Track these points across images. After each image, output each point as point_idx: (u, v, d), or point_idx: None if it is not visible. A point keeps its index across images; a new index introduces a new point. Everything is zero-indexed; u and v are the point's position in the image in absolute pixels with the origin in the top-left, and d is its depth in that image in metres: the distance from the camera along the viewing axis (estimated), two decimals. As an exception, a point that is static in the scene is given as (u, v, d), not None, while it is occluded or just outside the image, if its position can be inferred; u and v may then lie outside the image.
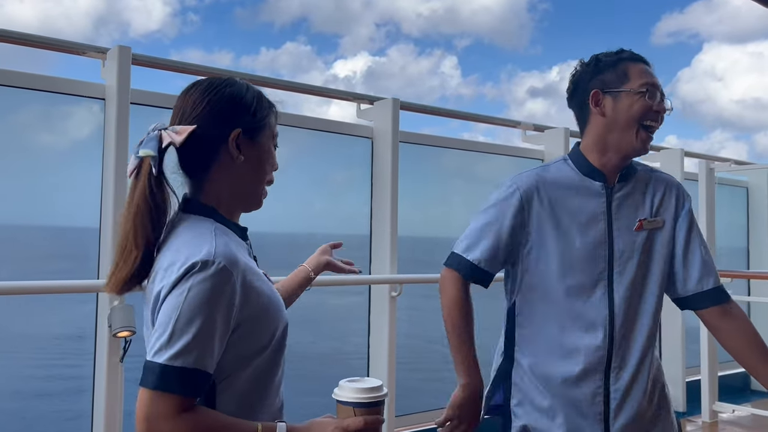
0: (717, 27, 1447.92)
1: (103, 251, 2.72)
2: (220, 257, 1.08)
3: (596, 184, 1.60)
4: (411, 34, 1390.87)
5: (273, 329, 1.16)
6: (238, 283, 1.09)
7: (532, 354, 1.62)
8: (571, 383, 1.57)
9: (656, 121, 1.57)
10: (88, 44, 2.88)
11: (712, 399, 4.60)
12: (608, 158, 1.61)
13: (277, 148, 1.28)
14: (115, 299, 2.60)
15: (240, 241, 1.21)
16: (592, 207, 1.59)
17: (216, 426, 1.06)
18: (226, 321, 1.07)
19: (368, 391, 1.07)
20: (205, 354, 1.04)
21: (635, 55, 1.61)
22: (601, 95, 1.59)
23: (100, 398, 2.64)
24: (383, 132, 3.58)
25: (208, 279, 1.06)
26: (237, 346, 1.11)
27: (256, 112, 1.22)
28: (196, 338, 1.04)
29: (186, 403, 1.04)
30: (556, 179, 1.63)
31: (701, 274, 1.63)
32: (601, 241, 1.58)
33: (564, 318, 1.58)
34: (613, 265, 1.58)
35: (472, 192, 4.56)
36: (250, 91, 1.24)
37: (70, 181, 3.07)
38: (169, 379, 1.02)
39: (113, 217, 2.66)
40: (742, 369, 5.79)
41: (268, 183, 1.26)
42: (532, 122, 4.41)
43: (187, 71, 3.18)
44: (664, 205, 1.64)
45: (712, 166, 4.83)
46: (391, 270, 3.49)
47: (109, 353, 2.61)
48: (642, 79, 1.57)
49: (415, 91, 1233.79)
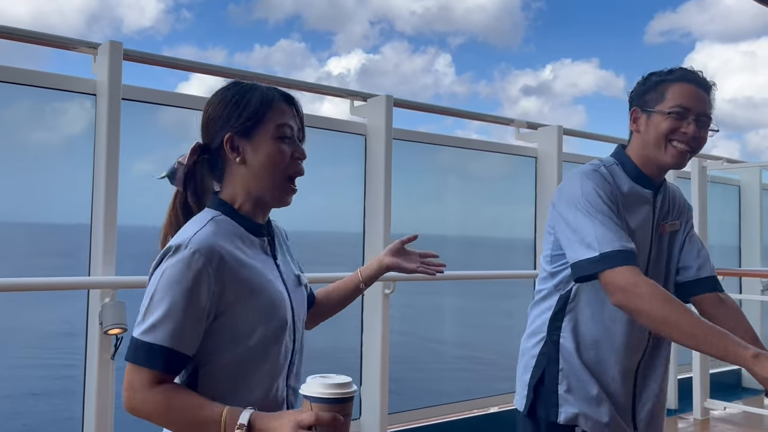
0: (709, 26, 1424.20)
1: (94, 248, 2.70)
2: (194, 243, 1.16)
3: (647, 192, 1.67)
4: (405, 32, 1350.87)
5: (258, 323, 1.20)
6: (212, 269, 1.15)
7: (582, 345, 1.65)
8: (615, 378, 1.65)
9: (683, 143, 1.59)
10: (80, 39, 2.85)
11: (704, 396, 4.62)
12: (651, 170, 1.67)
13: (303, 139, 1.31)
14: (107, 296, 2.59)
15: (246, 234, 1.25)
16: (643, 214, 1.66)
17: (184, 404, 1.12)
18: (197, 303, 1.14)
19: (328, 387, 1.06)
20: (174, 332, 1.12)
21: (686, 75, 1.63)
22: (639, 113, 1.66)
23: (91, 396, 2.62)
24: (377, 129, 3.57)
25: (178, 262, 1.14)
26: (219, 332, 1.18)
27: (244, 111, 1.25)
28: (164, 316, 1.13)
29: (158, 378, 1.12)
30: (617, 180, 1.64)
31: (699, 263, 1.71)
32: (644, 246, 1.66)
33: (612, 316, 1.62)
34: (649, 268, 1.67)
35: (466, 189, 4.56)
36: (242, 91, 1.27)
37: (61, 177, 3.04)
38: (139, 353, 1.13)
39: (104, 214, 2.65)
40: (733, 366, 5.85)
41: (293, 175, 1.27)
42: (526, 120, 4.41)
43: (179, 67, 3.16)
44: (680, 210, 1.76)
45: (704, 164, 4.85)
46: (384, 267, 3.48)
47: (101, 350, 2.59)
48: (676, 101, 1.60)
49: (409, 89, 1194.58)
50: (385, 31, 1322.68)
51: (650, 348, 1.68)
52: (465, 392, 4.09)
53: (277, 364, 1.24)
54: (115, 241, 2.68)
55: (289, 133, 1.26)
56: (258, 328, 1.20)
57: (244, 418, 1.07)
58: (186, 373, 1.20)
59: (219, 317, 1.18)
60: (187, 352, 1.14)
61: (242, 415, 1.08)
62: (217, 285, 1.16)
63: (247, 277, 1.20)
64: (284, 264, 1.34)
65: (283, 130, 1.25)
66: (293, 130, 1.27)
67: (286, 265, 1.35)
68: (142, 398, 1.12)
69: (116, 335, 2.58)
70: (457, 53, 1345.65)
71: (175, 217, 1.30)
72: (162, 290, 1.14)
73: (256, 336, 1.20)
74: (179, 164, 1.29)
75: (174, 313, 1.13)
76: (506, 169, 4.61)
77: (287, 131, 1.26)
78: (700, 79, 1.64)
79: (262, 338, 1.20)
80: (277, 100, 1.27)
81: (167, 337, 1.12)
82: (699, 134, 1.60)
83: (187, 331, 1.14)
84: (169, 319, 1.13)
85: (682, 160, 1.61)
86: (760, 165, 5.84)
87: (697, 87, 1.62)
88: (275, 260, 1.31)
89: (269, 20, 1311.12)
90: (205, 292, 1.15)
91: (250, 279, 1.20)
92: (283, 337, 1.24)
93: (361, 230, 3.61)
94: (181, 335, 1.13)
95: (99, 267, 2.64)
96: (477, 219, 4.56)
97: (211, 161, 1.29)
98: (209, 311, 1.16)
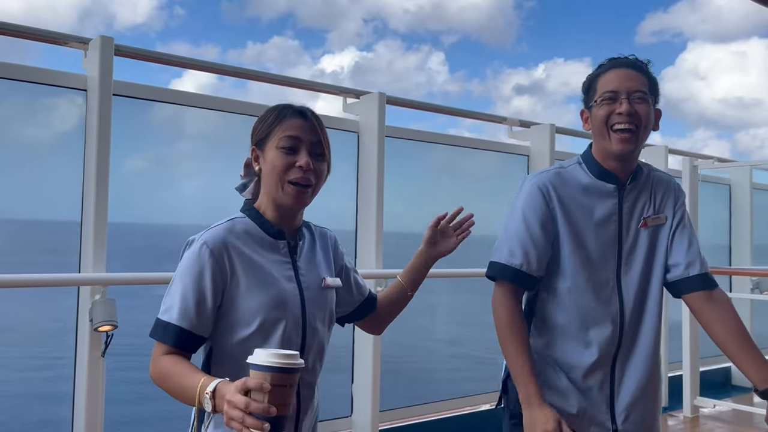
0: (701, 26, 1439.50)
1: (84, 245, 2.68)
2: (204, 238, 1.36)
3: (609, 186, 1.68)
4: (398, 30, 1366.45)
5: (257, 312, 1.36)
6: (220, 261, 1.34)
7: (551, 341, 1.68)
8: (584, 371, 1.66)
9: (621, 123, 1.60)
10: (70, 34, 2.82)
11: (694, 394, 4.65)
12: (610, 163, 1.68)
13: (299, 149, 1.41)
14: (97, 293, 2.57)
15: (263, 236, 1.41)
16: (606, 208, 1.67)
17: (176, 370, 1.28)
18: (203, 288, 1.33)
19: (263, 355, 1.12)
20: (184, 313, 1.32)
21: (613, 63, 1.67)
22: (586, 112, 1.71)
23: (80, 394, 2.61)
24: (369, 126, 3.57)
25: (190, 254, 1.36)
26: (224, 318, 1.36)
27: (261, 124, 1.44)
28: (174, 299, 1.33)
29: (167, 350, 1.31)
30: (572, 180, 1.69)
31: (688, 260, 1.69)
32: (612, 240, 1.67)
33: (579, 311, 1.65)
34: (621, 263, 1.68)
35: (459, 188, 4.56)
36: (269, 109, 1.45)
37: (53, 174, 3.03)
38: (157, 330, 1.34)
39: (95, 211, 2.63)
40: (723, 365, 5.88)
41: (293, 182, 1.39)
42: (518, 118, 4.42)
43: (170, 63, 3.14)
44: (665, 202, 1.73)
45: (695, 163, 4.87)
46: (377, 265, 3.48)
47: (91, 348, 2.58)
48: (604, 88, 1.63)
49: (402, 87, 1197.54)
50: (378, 29, 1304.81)
51: (625, 342, 1.68)
52: (458, 390, 4.10)
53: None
54: (105, 237, 2.66)
55: (293, 144, 1.40)
56: (257, 317, 1.35)
57: (212, 386, 1.17)
58: (204, 355, 1.40)
59: (225, 303, 1.36)
60: (195, 330, 1.32)
61: (212, 383, 1.18)
62: (222, 274, 1.34)
63: (251, 271, 1.37)
64: (308, 267, 1.47)
65: (286, 141, 1.39)
66: (300, 142, 1.40)
67: (311, 269, 1.47)
68: (154, 367, 1.32)
69: (107, 332, 2.57)
70: (450, 52, 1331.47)
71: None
72: (176, 278, 1.35)
73: (256, 324, 1.35)
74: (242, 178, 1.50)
75: (183, 296, 1.32)
76: (498, 168, 4.61)
77: (292, 142, 1.39)
78: (628, 61, 1.66)
79: (261, 327, 1.35)
80: (289, 114, 1.42)
81: (177, 317, 1.32)
82: (635, 110, 1.60)
83: (194, 311, 1.32)
84: (179, 301, 1.32)
85: (627, 143, 1.61)
86: (750, 164, 5.87)
87: (625, 69, 1.64)
88: (295, 263, 1.44)
89: (262, 17, 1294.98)
90: (209, 279, 1.33)
91: (253, 273, 1.37)
92: (285, 330, 1.37)
93: (354, 228, 3.61)
94: (189, 316, 1.32)
95: (89, 264, 2.63)
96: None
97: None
98: (216, 297, 1.34)
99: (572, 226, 1.66)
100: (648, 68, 1.67)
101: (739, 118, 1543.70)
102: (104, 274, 2.63)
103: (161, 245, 3.15)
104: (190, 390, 1.22)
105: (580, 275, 1.65)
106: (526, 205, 1.67)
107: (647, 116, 1.62)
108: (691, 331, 4.57)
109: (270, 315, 1.36)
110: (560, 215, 1.66)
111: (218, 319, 1.36)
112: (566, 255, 1.65)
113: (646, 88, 1.63)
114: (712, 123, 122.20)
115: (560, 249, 1.66)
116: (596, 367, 1.66)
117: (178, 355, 1.32)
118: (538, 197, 1.66)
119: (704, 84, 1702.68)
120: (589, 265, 1.65)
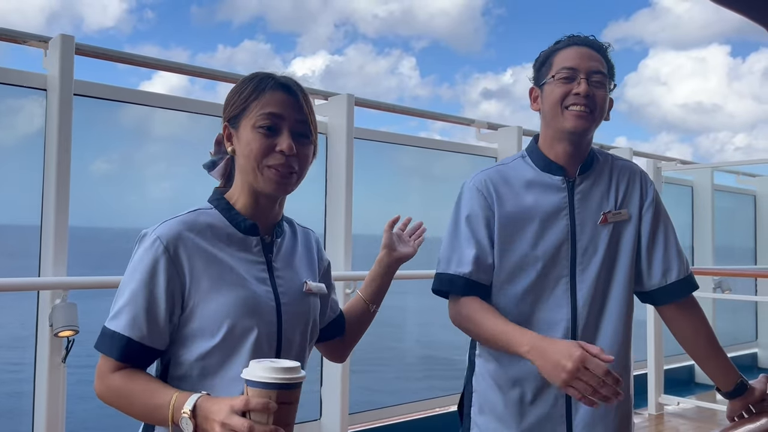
0: (660, 34, 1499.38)
1: (44, 248, 2.61)
2: (157, 231, 1.15)
3: (556, 179, 1.53)
4: (368, 35, 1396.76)
5: (223, 319, 1.14)
6: (176, 259, 1.13)
7: (492, 357, 1.53)
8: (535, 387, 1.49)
9: (577, 104, 1.48)
10: (30, 33, 2.75)
11: (658, 392, 4.73)
12: (559, 149, 1.54)
13: (277, 128, 1.19)
14: (58, 297, 2.51)
15: (232, 231, 1.20)
16: (553, 203, 1.52)
17: (138, 387, 1.10)
18: (155, 291, 1.12)
19: (267, 371, 0.98)
20: (132, 321, 1.11)
21: (572, 39, 1.54)
22: (536, 90, 1.58)
23: (41, 400, 2.53)
24: (338, 128, 3.55)
25: (141, 250, 1.15)
26: (185, 326, 1.15)
27: (236, 97, 1.21)
28: (125, 304, 1.12)
29: (117, 365, 1.12)
30: (514, 176, 1.56)
31: (665, 266, 1.56)
32: (563, 238, 1.51)
33: (522, 319, 1.48)
34: (576, 262, 1.51)
35: (428, 190, 4.57)
36: (246, 79, 1.23)
37: (15, 177, 2.95)
38: (103, 340, 1.13)
39: (55, 212, 2.56)
40: (686, 363, 5.98)
41: (273, 166, 1.17)
42: (486, 121, 4.45)
43: (133, 62, 3.08)
44: (629, 195, 1.57)
45: (659, 165, 4.97)
46: (345, 267, 3.46)
47: (51, 353, 2.51)
48: (561, 64, 1.51)
49: (373, 91, 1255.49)
50: (349, 34, 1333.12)
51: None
52: (427, 391, 4.10)
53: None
54: (66, 240, 2.59)
55: (273, 123, 1.17)
56: (222, 326, 1.13)
57: (190, 404, 1.02)
58: (161, 367, 1.19)
59: (185, 309, 1.15)
60: (145, 342, 1.12)
61: (189, 399, 1.03)
62: (179, 274, 1.13)
63: (215, 271, 1.15)
64: (285, 269, 1.25)
65: (265, 119, 1.17)
66: (282, 121, 1.18)
67: (291, 271, 1.26)
68: (103, 384, 1.12)
69: (68, 337, 2.50)
70: (420, 57, 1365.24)
71: None
72: (125, 278, 1.14)
73: (220, 335, 1.13)
74: (211, 155, 1.29)
75: (133, 301, 1.12)
76: (468, 169, 4.64)
77: (272, 121, 1.17)
78: (588, 40, 1.54)
79: (226, 338, 1.14)
80: (270, 87, 1.19)
81: (126, 326, 1.11)
82: (592, 92, 1.48)
83: (146, 319, 1.12)
84: (129, 307, 1.12)
85: (581, 122, 1.48)
86: (711, 166, 6.01)
87: (585, 47, 1.52)
88: (270, 263, 1.23)
89: (233, 21, 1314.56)
90: (162, 280, 1.12)
91: (216, 274, 1.15)
92: (254, 342, 1.15)
93: (323, 230, 3.58)
94: (139, 324, 1.11)
95: (49, 267, 2.56)
96: (439, 219, 4.58)
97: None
98: (170, 302, 1.13)
99: (514, 225, 1.51)
100: (607, 51, 1.55)
101: (699, 123, 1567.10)
102: (64, 278, 2.56)
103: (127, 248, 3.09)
104: (159, 409, 1.05)
105: (519, 277, 1.50)
106: (467, 208, 1.55)
107: (603, 102, 1.51)
108: (656, 329, 4.65)
109: (238, 323, 1.14)
110: (500, 214, 1.51)
111: (177, 328, 1.15)
112: (506, 256, 1.50)
113: (605, 70, 1.52)
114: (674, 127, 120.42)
115: (501, 250, 1.51)
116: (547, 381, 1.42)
117: (131, 369, 1.12)
118: (477, 198, 1.54)
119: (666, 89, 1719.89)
120: (531, 266, 1.49)
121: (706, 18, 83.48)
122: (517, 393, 1.50)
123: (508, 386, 1.51)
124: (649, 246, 1.56)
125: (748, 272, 5.70)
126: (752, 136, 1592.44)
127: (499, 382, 1.52)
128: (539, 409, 1.50)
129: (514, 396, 1.51)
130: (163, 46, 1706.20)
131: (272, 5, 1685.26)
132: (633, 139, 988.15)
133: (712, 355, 1.58)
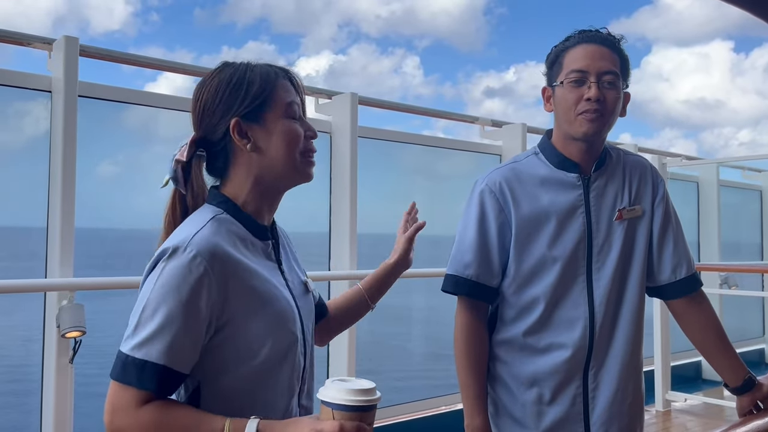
0: (662, 30, 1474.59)
1: (50, 250, 2.62)
2: (194, 245, 1.02)
3: (571, 176, 1.52)
4: (371, 34, 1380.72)
5: (265, 338, 1.07)
6: (214, 275, 1.02)
7: (507, 359, 1.54)
8: (554, 385, 1.50)
9: (589, 111, 1.46)
10: (35, 35, 2.76)
11: (665, 388, 4.72)
12: (573, 148, 1.52)
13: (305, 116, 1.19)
14: (64, 298, 2.52)
15: (249, 237, 1.12)
16: (569, 201, 1.50)
17: (179, 421, 0.99)
18: (198, 315, 1.01)
19: (351, 393, 0.95)
20: (171, 348, 0.99)
21: (582, 37, 1.50)
22: (549, 90, 1.55)
23: (48, 401, 2.54)
24: (342, 127, 3.55)
25: (176, 267, 1.01)
26: (223, 348, 1.05)
27: (248, 92, 1.12)
28: (159, 329, 0.99)
29: (147, 397, 0.99)
30: (527, 174, 1.53)
31: (675, 261, 1.55)
32: (580, 237, 1.50)
33: (541, 320, 1.49)
34: (593, 259, 1.50)
35: (433, 188, 4.57)
36: (241, 72, 1.14)
37: (23, 179, 2.97)
38: (129, 370, 0.99)
39: (61, 213, 2.57)
40: (694, 359, 5.94)
41: (306, 154, 1.15)
42: (491, 119, 4.45)
43: (138, 63, 3.09)
44: (641, 192, 1.56)
45: (664, 161, 4.95)
46: (350, 266, 3.47)
47: (58, 354, 2.52)
48: (571, 66, 1.48)
49: (377, 90, 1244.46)
50: (352, 34, 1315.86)
51: (597, 347, 1.50)
52: (431, 389, 4.10)
53: (289, 383, 1.12)
54: (72, 241, 2.60)
55: (298, 111, 1.15)
56: (266, 343, 1.07)
57: (251, 428, 0.96)
58: (186, 394, 1.08)
59: (221, 330, 1.04)
60: (183, 370, 1.01)
61: (248, 425, 0.97)
62: (220, 294, 1.03)
63: (254, 285, 1.07)
64: (289, 270, 1.21)
65: (293, 109, 1.14)
66: (298, 107, 1.16)
67: (292, 272, 1.22)
68: (129, 420, 0.98)
69: (75, 338, 2.51)
70: (424, 55, 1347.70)
71: (173, 217, 1.16)
72: (157, 299, 1.00)
73: (264, 353, 1.06)
74: (177, 162, 1.14)
75: (171, 325, 0.99)
76: (472, 168, 4.63)
77: (296, 109, 1.15)
78: (599, 36, 1.49)
79: (270, 355, 1.07)
80: (280, 76, 1.15)
81: (163, 353, 0.98)
82: (603, 96, 1.45)
83: (185, 346, 1.00)
84: (166, 332, 0.99)
85: (593, 126, 1.46)
86: (717, 162, 5.98)
87: (595, 44, 1.48)
88: (280, 266, 1.18)
89: (237, 23, 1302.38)
90: (205, 303, 1.01)
91: (256, 288, 1.07)
92: (294, 354, 1.12)
93: (327, 229, 3.59)
94: (179, 351, 0.99)
95: (56, 269, 2.57)
96: (443, 217, 4.58)
97: (210, 155, 1.16)
98: (210, 323, 1.03)
99: (531, 226, 1.49)
100: (620, 45, 1.51)
101: (703, 118, 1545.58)
102: (71, 279, 2.57)
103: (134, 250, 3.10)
104: None
105: (541, 279, 1.49)
106: (479, 208, 1.53)
107: (615, 103, 1.48)
108: (662, 325, 4.63)
109: (279, 338, 1.08)
110: (516, 216, 1.50)
111: (210, 351, 1.05)
112: (524, 258, 1.50)
113: (617, 68, 1.48)
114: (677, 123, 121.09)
115: (518, 252, 1.50)
116: (569, 378, 1.49)
117: (162, 400, 1.01)
118: (489, 200, 1.52)
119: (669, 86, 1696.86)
120: (550, 265, 1.49)
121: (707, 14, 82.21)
122: (535, 393, 1.51)
123: (525, 387, 1.52)
124: (660, 241, 1.56)
125: (755, 268, 5.67)
126: (756, 132, 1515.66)
127: (514, 383, 1.53)
128: (558, 408, 1.50)
129: (532, 396, 1.51)
130: (167, 49, 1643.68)
131: (276, 7, 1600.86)
132: (637, 136, 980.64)
133: (721, 349, 1.58)
